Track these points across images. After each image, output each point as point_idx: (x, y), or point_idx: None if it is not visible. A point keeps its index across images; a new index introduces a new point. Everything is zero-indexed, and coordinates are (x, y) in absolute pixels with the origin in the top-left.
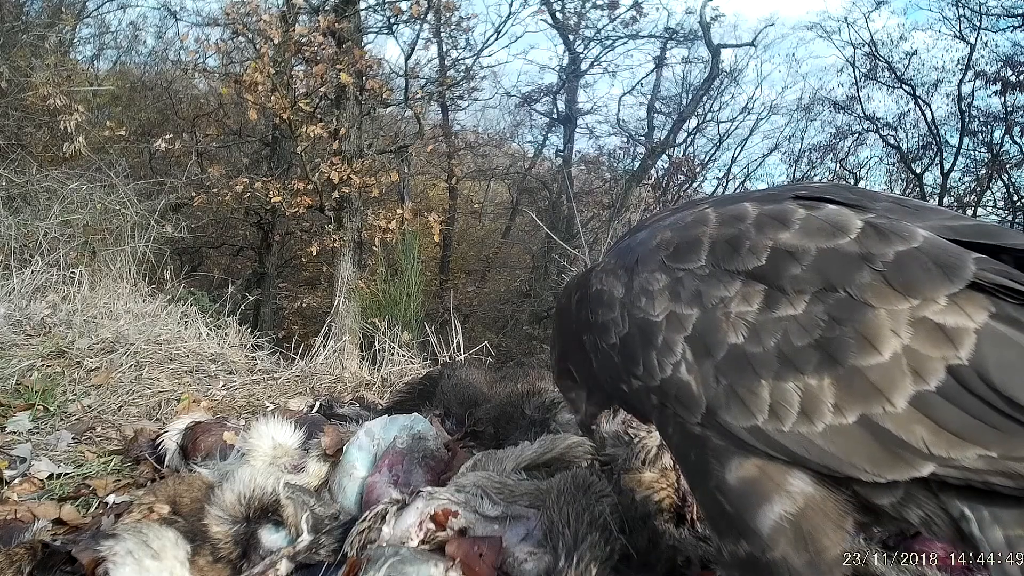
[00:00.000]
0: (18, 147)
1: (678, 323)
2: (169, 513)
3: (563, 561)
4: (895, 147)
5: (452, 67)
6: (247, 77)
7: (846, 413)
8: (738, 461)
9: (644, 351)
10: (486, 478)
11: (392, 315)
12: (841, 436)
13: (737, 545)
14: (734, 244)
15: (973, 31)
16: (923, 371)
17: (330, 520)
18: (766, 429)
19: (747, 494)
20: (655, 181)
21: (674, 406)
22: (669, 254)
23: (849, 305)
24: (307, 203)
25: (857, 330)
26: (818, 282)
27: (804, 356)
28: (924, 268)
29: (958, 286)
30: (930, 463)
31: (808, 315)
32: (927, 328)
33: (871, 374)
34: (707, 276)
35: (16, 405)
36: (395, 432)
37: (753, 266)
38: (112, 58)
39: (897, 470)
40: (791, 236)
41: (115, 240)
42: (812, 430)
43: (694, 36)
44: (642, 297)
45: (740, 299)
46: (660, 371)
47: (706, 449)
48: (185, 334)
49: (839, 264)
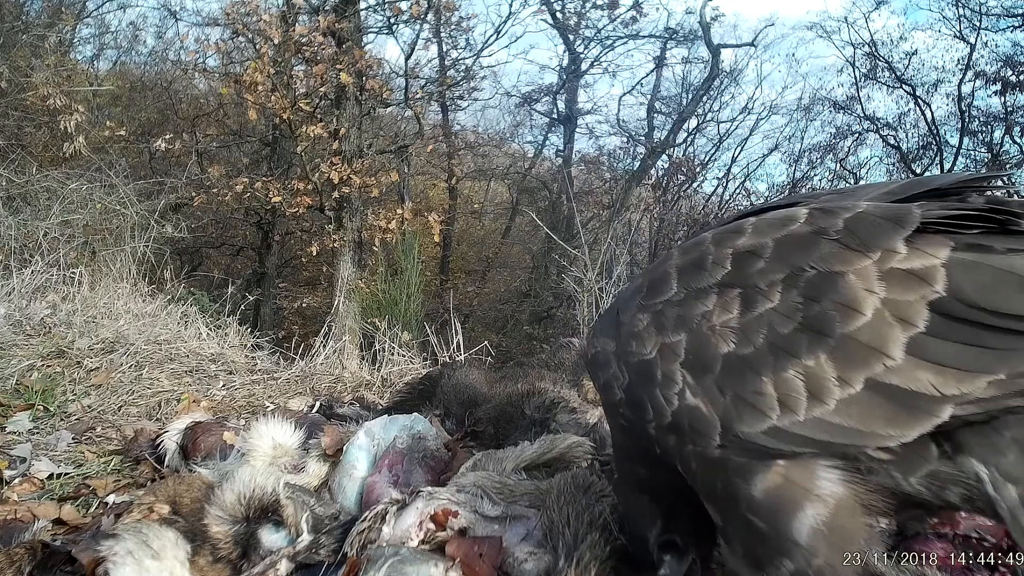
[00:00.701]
0: (18, 147)
1: (671, 352)
2: (169, 513)
3: (563, 561)
4: (895, 147)
5: (452, 67)
6: (247, 77)
7: (852, 382)
8: (761, 474)
9: (648, 392)
10: (486, 478)
11: (392, 315)
12: (854, 406)
13: (779, 568)
14: (698, 263)
15: (973, 31)
16: (908, 316)
17: (330, 520)
18: (782, 425)
19: (777, 505)
20: (655, 181)
21: (691, 437)
22: (644, 295)
23: (819, 279)
24: (307, 203)
25: (834, 300)
26: (784, 268)
27: (795, 341)
28: (874, 224)
29: (909, 229)
30: (946, 405)
31: (786, 302)
32: (898, 276)
33: (861, 336)
34: (683, 300)
35: (16, 405)
36: (395, 432)
37: (721, 275)
38: (112, 58)
39: (918, 424)
40: (747, 239)
41: (115, 240)
42: (826, 410)
43: (694, 36)
44: (632, 341)
45: (720, 309)
46: (668, 405)
47: (728, 472)
48: (185, 334)
49: (796, 246)
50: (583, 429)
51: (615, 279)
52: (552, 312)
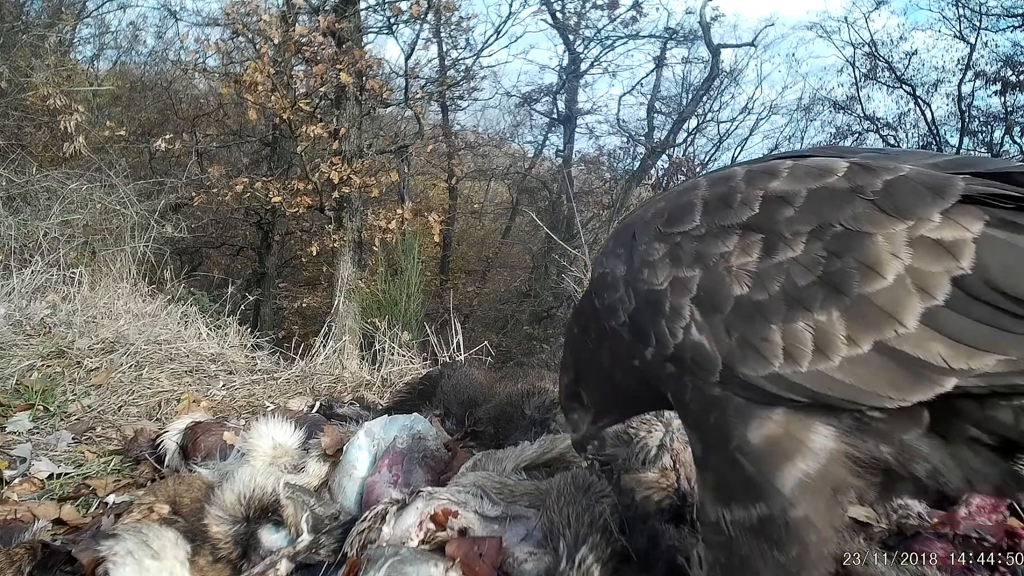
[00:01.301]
0: (18, 147)
1: (682, 287)
2: (169, 513)
3: (564, 562)
4: (895, 147)
5: (452, 67)
6: (247, 77)
7: (860, 342)
8: (760, 420)
9: (654, 322)
10: (486, 478)
11: (392, 315)
12: (859, 366)
13: (749, 509)
14: (726, 200)
15: (973, 31)
16: (928, 287)
17: (330, 520)
18: (784, 373)
19: (770, 453)
20: (655, 181)
21: (691, 370)
22: (664, 221)
23: (846, 237)
24: (307, 203)
25: (858, 259)
26: (813, 220)
27: (810, 294)
28: (914, 191)
29: (949, 202)
30: (951, 376)
31: (808, 254)
32: (926, 245)
33: (878, 299)
34: (704, 235)
35: (16, 405)
36: (395, 432)
37: (747, 216)
38: (112, 58)
39: (920, 390)
40: (781, 183)
41: (115, 240)
42: (829, 365)
43: (694, 36)
44: (644, 269)
45: (739, 251)
46: (672, 337)
47: (727, 411)
48: (185, 334)
49: (831, 200)
50: None
51: None
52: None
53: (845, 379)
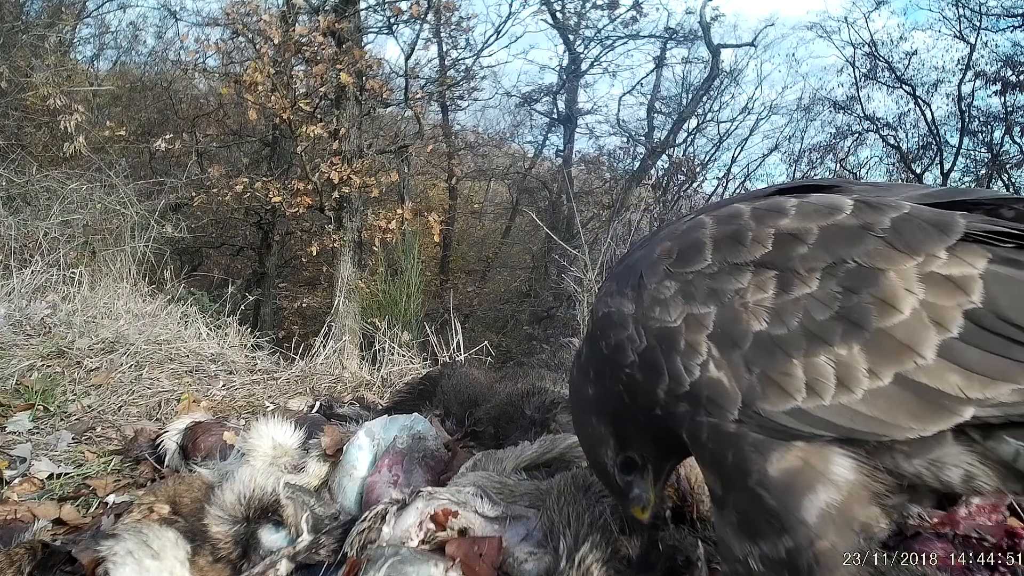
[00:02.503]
0: (18, 147)
1: (697, 323)
2: (169, 513)
3: (564, 562)
4: (895, 147)
5: (452, 67)
6: (247, 77)
7: (881, 375)
8: (779, 453)
9: (668, 359)
10: (486, 478)
11: (392, 315)
12: (881, 398)
13: (777, 543)
14: (737, 238)
15: (973, 31)
16: (943, 321)
17: (330, 520)
18: (807, 408)
19: (791, 485)
20: (655, 181)
21: (706, 407)
22: (673, 261)
23: (860, 273)
24: (307, 203)
25: (873, 294)
26: (827, 257)
27: (829, 329)
28: (921, 229)
29: (954, 239)
30: (969, 407)
31: (824, 289)
32: (936, 281)
33: (897, 333)
34: (717, 273)
35: (16, 405)
36: (395, 432)
37: (760, 255)
38: (112, 58)
39: (940, 420)
40: (791, 221)
41: (115, 240)
42: (852, 399)
43: (694, 36)
44: (655, 307)
45: (755, 288)
46: (688, 375)
47: (744, 447)
48: (185, 334)
49: (843, 237)
50: None
51: None
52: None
53: (868, 412)
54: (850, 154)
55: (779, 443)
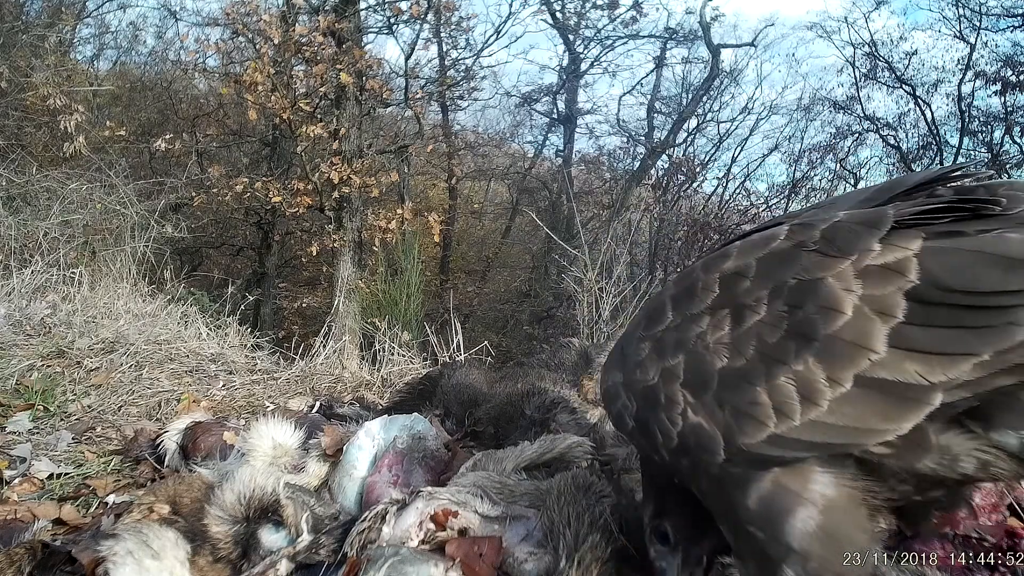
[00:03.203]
0: (18, 147)
1: (671, 375)
2: (169, 513)
3: (564, 561)
4: (895, 147)
5: (452, 67)
6: (247, 77)
7: (841, 381)
8: (755, 484)
9: (654, 416)
10: (486, 478)
11: (392, 315)
12: (846, 405)
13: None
14: (689, 291)
15: (973, 31)
16: (886, 308)
17: (330, 520)
18: (781, 432)
19: (769, 512)
20: (655, 181)
21: (698, 454)
22: (644, 326)
23: (801, 288)
24: (307, 203)
25: (816, 303)
26: (768, 283)
27: (783, 348)
28: (850, 230)
29: (883, 230)
30: (936, 392)
31: (771, 312)
32: (873, 273)
33: (845, 334)
34: (679, 325)
35: (16, 405)
36: (395, 432)
37: (711, 300)
38: (112, 58)
39: (910, 414)
40: (732, 262)
41: (115, 240)
42: (820, 411)
43: (694, 36)
44: (636, 370)
45: (713, 328)
46: (673, 426)
47: (726, 486)
48: (185, 334)
49: (779, 261)
50: (583, 429)
51: (615, 279)
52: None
53: (838, 421)
54: (850, 154)
55: (755, 473)
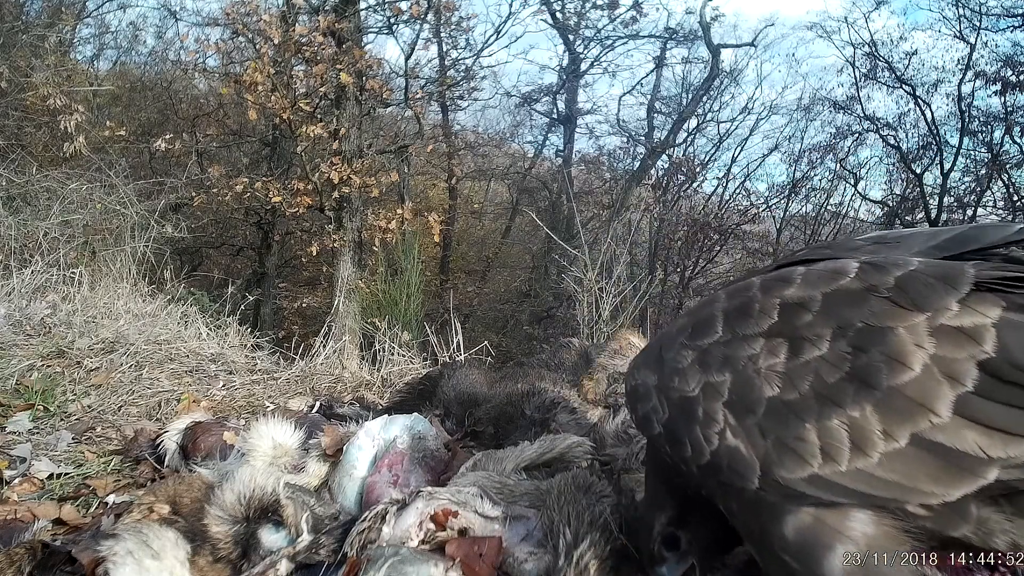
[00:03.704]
0: (18, 147)
1: (714, 391)
2: (169, 513)
3: (563, 561)
4: (895, 147)
5: (452, 67)
6: (247, 77)
7: (897, 436)
8: (793, 515)
9: (688, 429)
10: (486, 478)
11: (392, 315)
12: (897, 461)
13: None
14: (745, 310)
15: (973, 31)
16: (956, 375)
17: (330, 520)
18: (823, 474)
19: (808, 544)
20: (655, 181)
21: (730, 477)
22: (689, 334)
23: (868, 333)
24: (307, 203)
25: (883, 352)
26: (832, 322)
27: (840, 391)
28: (926, 284)
29: (963, 291)
30: (992, 467)
31: (834, 351)
32: (947, 334)
33: (908, 390)
34: (728, 342)
35: (16, 405)
36: (395, 432)
37: (768, 325)
38: (112, 58)
39: (962, 483)
40: (795, 290)
41: (115, 240)
42: (868, 463)
43: (694, 36)
44: (675, 377)
45: (767, 354)
46: (707, 444)
47: (762, 512)
48: (185, 334)
49: (847, 301)
50: (583, 429)
51: (615, 279)
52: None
53: (886, 475)
54: (850, 154)
55: (793, 504)
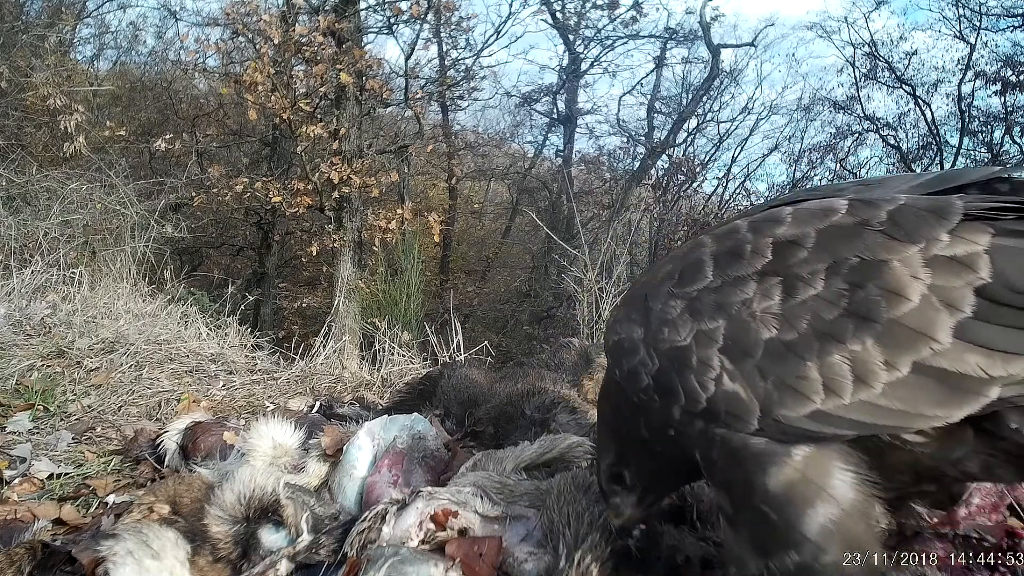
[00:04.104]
0: (18, 147)
1: (707, 339)
2: (169, 513)
3: (563, 561)
4: (895, 147)
5: (452, 67)
6: (247, 77)
7: (899, 365)
8: (778, 467)
9: (681, 378)
10: (486, 478)
11: (392, 315)
12: (901, 389)
13: (785, 558)
14: (736, 252)
15: (973, 31)
16: (954, 301)
17: (330, 520)
18: (828, 409)
19: (790, 498)
20: (655, 181)
21: (726, 421)
22: (676, 282)
23: (864, 267)
24: (307, 203)
25: (880, 286)
26: (827, 258)
27: (840, 326)
28: (918, 216)
29: (953, 221)
30: (994, 386)
31: (830, 289)
32: (942, 263)
33: (909, 321)
34: (720, 287)
35: (16, 405)
36: (395, 432)
37: (761, 265)
38: (112, 58)
39: (966, 404)
40: (787, 228)
41: (115, 240)
42: (872, 393)
43: (694, 36)
44: (664, 328)
45: (760, 296)
46: (703, 391)
47: (747, 462)
48: (185, 334)
49: (840, 236)
50: (583, 429)
51: (615, 279)
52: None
53: (890, 404)
54: (850, 154)
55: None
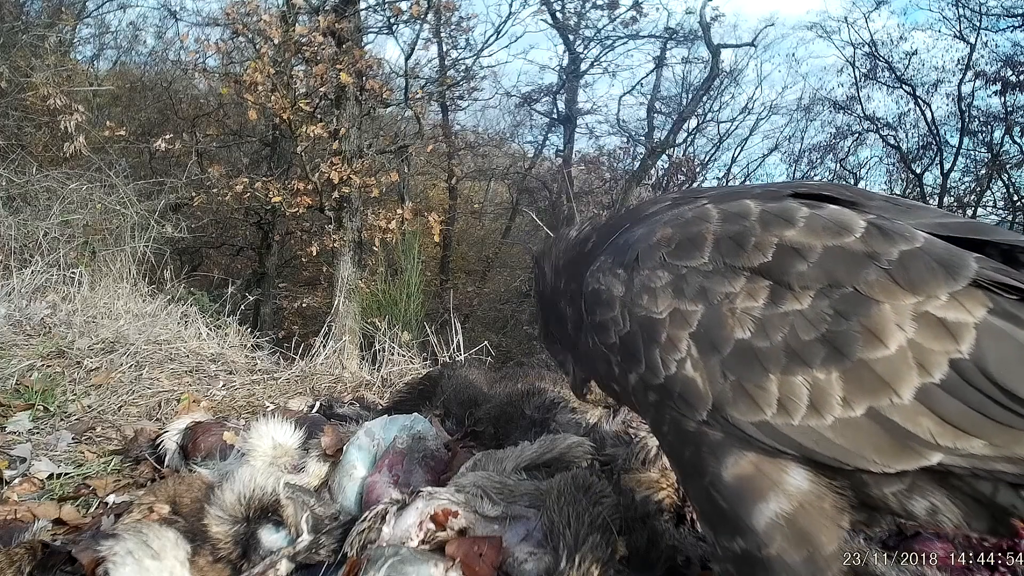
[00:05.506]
0: (18, 147)
1: (682, 320)
2: (169, 513)
3: (564, 562)
4: (895, 147)
5: (452, 67)
6: (247, 77)
7: (854, 405)
8: (734, 458)
9: (647, 349)
10: (486, 478)
11: (392, 315)
12: (850, 428)
13: (732, 541)
14: (739, 240)
15: (973, 31)
16: (927, 364)
17: (330, 520)
18: (775, 423)
19: (742, 491)
20: (655, 181)
21: (676, 404)
22: (671, 251)
23: (855, 300)
24: (307, 203)
25: (863, 324)
26: (824, 279)
27: (812, 350)
28: (928, 267)
29: (961, 284)
30: (937, 452)
31: (814, 310)
32: (930, 322)
33: (878, 367)
34: (711, 272)
35: (16, 405)
36: (395, 432)
37: (759, 263)
38: (112, 58)
39: (905, 460)
40: (797, 233)
41: (115, 240)
42: (821, 423)
43: (694, 36)
44: (644, 295)
45: (745, 295)
46: (664, 368)
47: (702, 446)
48: (185, 334)
49: (846, 261)
50: (583, 429)
51: None
52: None
53: (834, 438)
54: (850, 154)
55: (735, 448)
